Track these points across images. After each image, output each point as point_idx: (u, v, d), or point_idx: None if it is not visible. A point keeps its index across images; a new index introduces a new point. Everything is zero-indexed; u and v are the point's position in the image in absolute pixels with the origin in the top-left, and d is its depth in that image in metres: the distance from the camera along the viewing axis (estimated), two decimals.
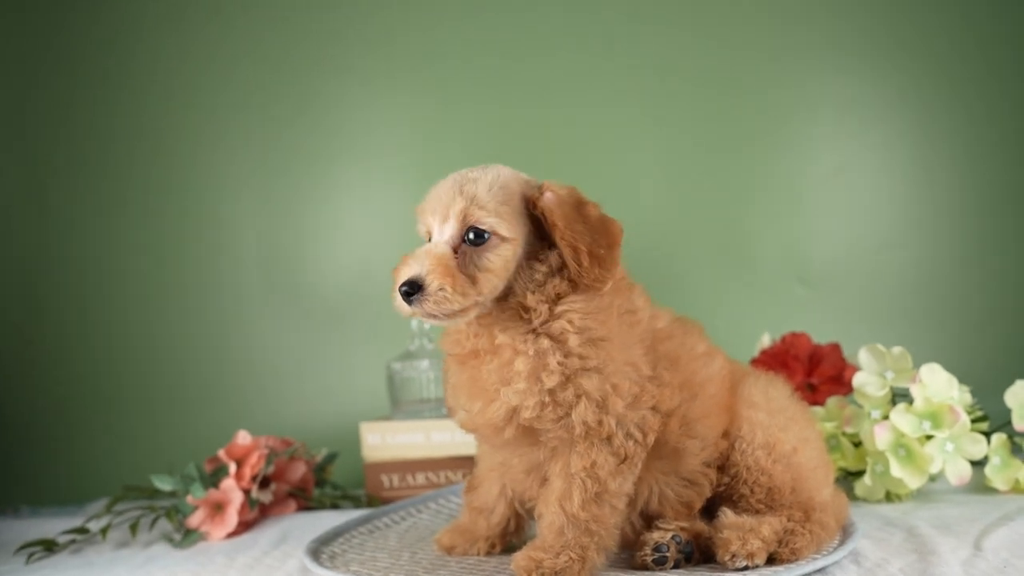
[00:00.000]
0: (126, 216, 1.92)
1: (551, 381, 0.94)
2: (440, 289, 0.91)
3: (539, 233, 0.97)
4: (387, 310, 1.86)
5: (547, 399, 0.94)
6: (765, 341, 1.64)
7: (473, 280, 0.93)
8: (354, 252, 1.94)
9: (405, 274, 0.93)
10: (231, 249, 1.93)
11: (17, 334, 1.90)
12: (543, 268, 0.97)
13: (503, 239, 0.95)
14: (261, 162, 1.93)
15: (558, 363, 0.94)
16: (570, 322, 0.95)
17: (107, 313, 1.91)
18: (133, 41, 1.92)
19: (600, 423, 0.95)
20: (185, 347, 1.92)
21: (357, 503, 1.57)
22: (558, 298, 0.96)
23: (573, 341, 0.95)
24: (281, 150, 1.93)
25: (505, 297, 0.97)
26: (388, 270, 1.94)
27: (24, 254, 1.91)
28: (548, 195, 0.96)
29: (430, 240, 0.97)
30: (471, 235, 0.94)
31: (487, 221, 0.94)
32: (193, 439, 1.77)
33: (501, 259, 0.95)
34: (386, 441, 1.58)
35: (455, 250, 0.94)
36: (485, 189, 0.95)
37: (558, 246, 0.96)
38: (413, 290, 0.91)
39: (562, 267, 0.97)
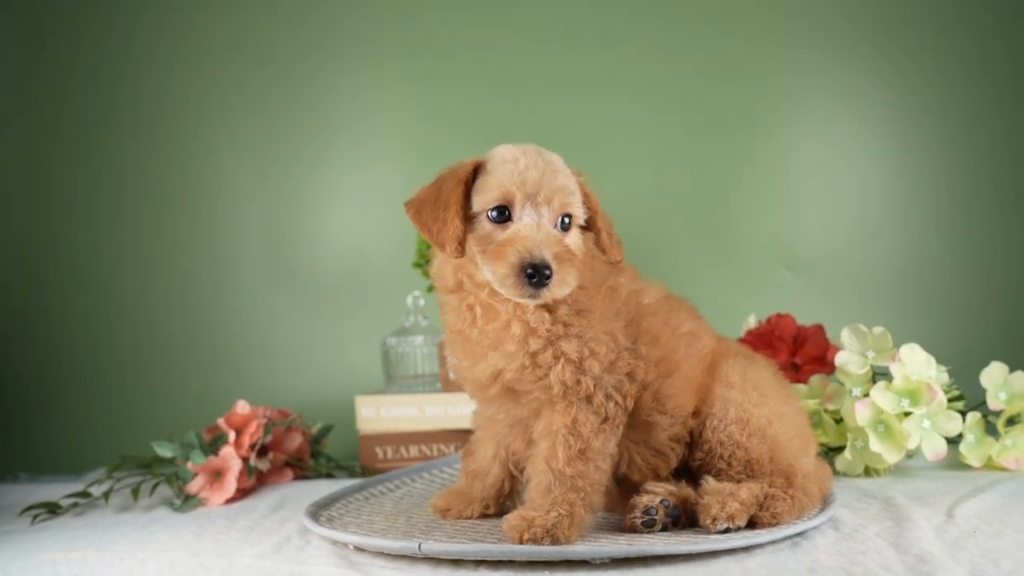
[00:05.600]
0: (125, 192, 1.94)
1: (535, 345, 0.99)
2: (567, 274, 0.95)
3: None
4: (382, 286, 1.92)
5: (527, 362, 1.00)
6: (751, 322, 1.68)
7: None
8: (351, 229, 1.97)
9: (528, 259, 0.93)
10: (230, 226, 1.96)
11: (16, 307, 1.93)
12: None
13: (576, 224, 1.01)
14: (260, 141, 1.96)
15: (546, 329, 1.00)
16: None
17: (106, 286, 1.94)
18: (134, 24, 1.94)
19: (578, 383, 1.00)
20: (183, 321, 1.95)
21: (352, 473, 1.60)
22: None
23: (562, 310, 1.00)
24: (279, 130, 1.96)
25: None
26: (383, 248, 1.97)
27: (24, 228, 1.94)
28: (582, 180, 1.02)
29: (501, 213, 0.97)
30: (564, 220, 0.99)
31: (576, 209, 0.99)
32: (189, 411, 1.79)
33: (578, 243, 1.01)
34: (380, 414, 1.61)
35: None
36: (567, 177, 0.99)
37: (594, 228, 1.02)
38: (541, 275, 0.92)
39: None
